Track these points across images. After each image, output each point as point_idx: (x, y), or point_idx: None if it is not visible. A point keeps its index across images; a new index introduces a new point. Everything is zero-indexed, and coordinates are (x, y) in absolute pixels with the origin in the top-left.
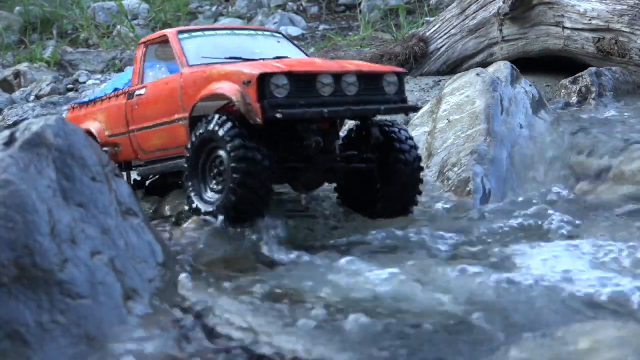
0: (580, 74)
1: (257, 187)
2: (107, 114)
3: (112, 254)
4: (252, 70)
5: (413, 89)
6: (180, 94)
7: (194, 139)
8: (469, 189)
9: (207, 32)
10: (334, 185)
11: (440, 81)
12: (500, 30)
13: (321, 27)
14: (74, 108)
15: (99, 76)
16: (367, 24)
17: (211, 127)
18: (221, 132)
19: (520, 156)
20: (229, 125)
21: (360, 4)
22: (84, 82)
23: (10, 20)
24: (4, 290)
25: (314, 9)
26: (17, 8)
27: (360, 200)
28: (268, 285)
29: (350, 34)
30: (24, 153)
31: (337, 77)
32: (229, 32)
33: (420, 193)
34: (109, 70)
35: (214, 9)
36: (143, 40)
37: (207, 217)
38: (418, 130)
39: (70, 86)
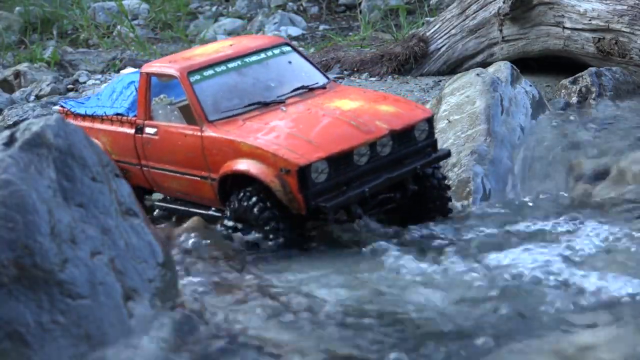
0: (580, 74)
1: None
2: (111, 139)
3: (112, 254)
4: (289, 155)
5: (413, 89)
6: (203, 153)
7: (229, 213)
8: (469, 189)
9: (217, 69)
10: None
11: (440, 81)
12: (500, 30)
13: (321, 27)
14: (66, 113)
15: (99, 76)
16: (367, 24)
17: (245, 205)
18: (256, 212)
19: (520, 156)
20: (266, 212)
21: (360, 4)
22: (84, 82)
23: (10, 20)
24: (4, 290)
25: (314, 9)
26: (17, 8)
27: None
28: (268, 285)
29: (350, 34)
30: (24, 153)
31: (372, 145)
32: (239, 62)
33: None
34: (109, 70)
35: (214, 9)
36: (146, 70)
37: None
38: None
39: (70, 86)
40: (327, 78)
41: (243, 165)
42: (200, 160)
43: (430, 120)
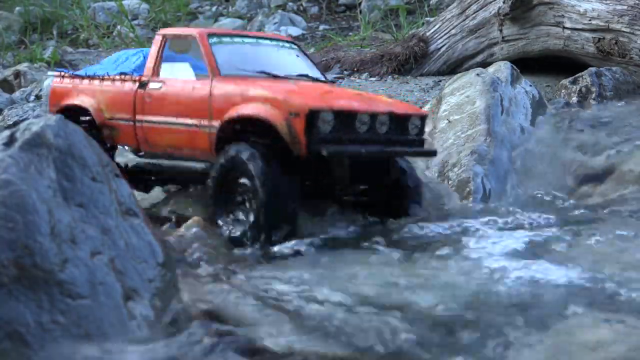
0: (580, 74)
1: (285, 211)
2: (109, 96)
3: (112, 254)
4: (300, 101)
5: (413, 89)
6: (209, 101)
7: (219, 167)
8: (469, 189)
9: (235, 39)
10: None
11: (440, 81)
12: (500, 30)
13: (321, 27)
14: (63, 76)
15: None
16: (367, 24)
17: (240, 158)
18: (252, 168)
19: (520, 156)
20: (260, 163)
21: (360, 4)
22: None
23: (10, 20)
24: (4, 290)
25: (314, 9)
26: (17, 8)
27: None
28: (268, 284)
29: (350, 34)
30: (24, 153)
31: (373, 116)
32: (255, 40)
33: (420, 202)
34: None
35: (214, 9)
36: (164, 31)
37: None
38: None
39: None
40: (326, 79)
41: (251, 109)
42: (204, 109)
43: (423, 118)
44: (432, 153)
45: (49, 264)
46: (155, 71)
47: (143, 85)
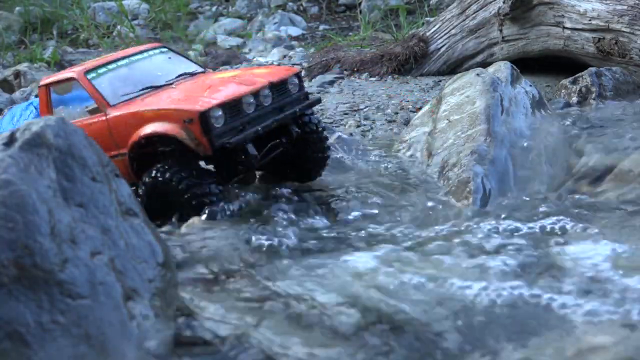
0: (580, 74)
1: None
2: None
3: (112, 254)
4: (189, 107)
5: (413, 89)
6: (110, 133)
7: (144, 187)
8: (468, 189)
9: (109, 67)
10: None
11: (440, 81)
12: (500, 30)
13: (321, 27)
14: None
15: None
16: (367, 24)
17: (160, 177)
18: (174, 180)
19: (520, 156)
20: (184, 181)
21: (360, 4)
22: None
23: (10, 20)
24: (4, 290)
25: (314, 9)
26: (17, 8)
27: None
28: (268, 285)
29: (350, 34)
30: (24, 153)
31: (255, 94)
32: (127, 60)
33: (327, 158)
34: None
35: (214, 9)
36: (44, 82)
37: None
38: (418, 130)
39: None
40: (204, 68)
41: (149, 128)
42: (108, 141)
43: (298, 75)
44: (316, 102)
45: (49, 264)
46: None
47: None
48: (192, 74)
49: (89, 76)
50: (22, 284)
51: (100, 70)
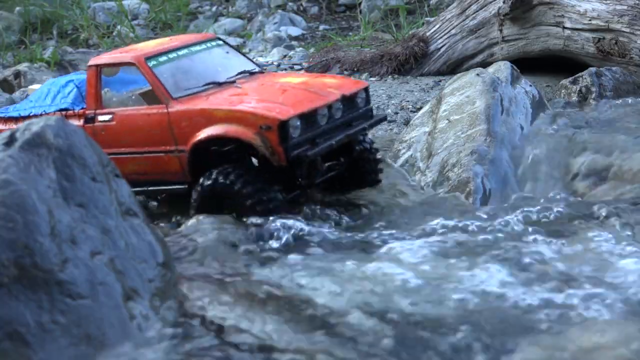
0: (580, 74)
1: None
2: None
3: (112, 254)
4: (268, 114)
5: (413, 89)
6: (169, 127)
7: (201, 187)
8: (469, 189)
9: (170, 55)
10: None
11: (440, 81)
12: (500, 30)
13: (321, 27)
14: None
15: None
16: (367, 24)
17: (222, 180)
18: (238, 184)
19: (520, 156)
20: (248, 186)
21: (360, 4)
22: None
23: (10, 20)
24: (4, 290)
25: (314, 9)
26: (17, 8)
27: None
28: (267, 284)
29: (350, 34)
30: (24, 153)
31: (330, 106)
32: (186, 50)
33: (378, 182)
34: None
35: (214, 9)
36: (96, 62)
37: None
38: (418, 130)
39: None
40: (261, 67)
41: (219, 129)
42: (166, 135)
43: (367, 90)
44: (382, 119)
45: (49, 264)
46: (99, 104)
47: (90, 119)
48: (251, 73)
49: (150, 63)
50: (22, 284)
51: (161, 59)
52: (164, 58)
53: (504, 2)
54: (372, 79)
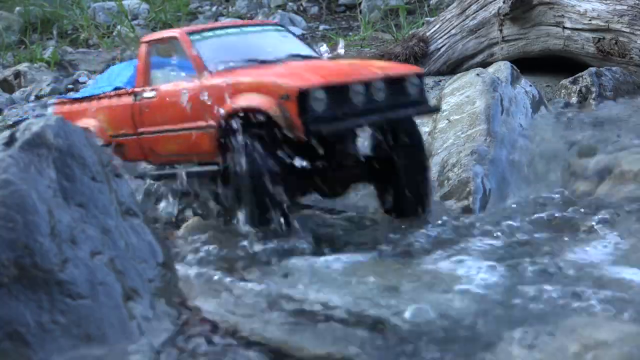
0: (580, 74)
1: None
2: (109, 113)
3: (112, 254)
4: (289, 83)
5: None
6: (201, 101)
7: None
8: (468, 189)
9: (217, 32)
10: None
11: (440, 81)
12: (500, 30)
13: (321, 27)
14: (63, 103)
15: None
16: (367, 24)
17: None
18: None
19: (520, 156)
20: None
21: (360, 4)
22: (84, 82)
23: (10, 20)
24: (4, 290)
25: (314, 9)
26: (17, 8)
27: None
28: (267, 285)
29: (350, 34)
30: (24, 153)
31: (367, 84)
32: (237, 29)
33: (427, 196)
34: None
35: (214, 9)
36: (146, 38)
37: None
38: None
39: (70, 86)
40: (321, 55)
41: (242, 100)
42: (199, 110)
43: (421, 76)
44: (435, 109)
45: (49, 264)
46: (146, 80)
47: (138, 96)
48: (305, 57)
49: (192, 37)
50: (22, 284)
51: (206, 34)
52: (209, 34)
53: (504, 2)
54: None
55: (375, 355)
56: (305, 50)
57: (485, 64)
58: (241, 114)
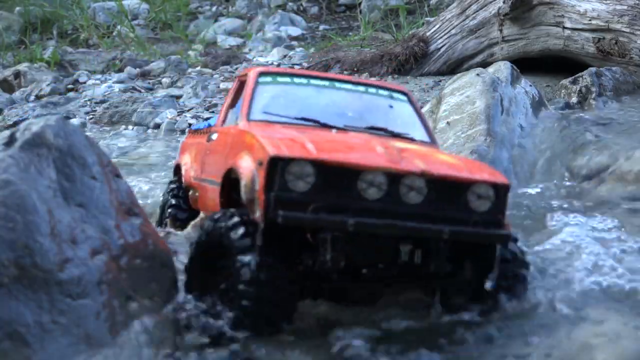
0: (580, 74)
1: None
2: (194, 151)
3: (112, 254)
4: (270, 147)
5: (413, 89)
6: (226, 151)
7: (200, 236)
8: None
9: (296, 79)
10: None
11: (440, 81)
12: (500, 30)
13: (321, 27)
14: (191, 132)
15: (99, 76)
16: (367, 24)
17: (219, 226)
18: (232, 237)
19: (520, 156)
20: (241, 230)
21: (360, 4)
22: (84, 82)
23: (10, 20)
24: (4, 290)
25: (314, 9)
26: (17, 8)
27: None
28: None
29: (350, 34)
30: (24, 153)
31: (394, 177)
32: (326, 82)
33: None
34: (109, 70)
35: (214, 9)
36: (237, 73)
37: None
38: None
39: (70, 86)
40: (434, 142)
41: (236, 158)
42: (223, 159)
43: (498, 188)
44: (503, 237)
45: (49, 264)
46: (223, 120)
47: (209, 138)
48: (395, 135)
49: (260, 79)
50: (22, 284)
51: (280, 79)
52: (284, 79)
53: (504, 2)
54: (372, 79)
55: None
56: (409, 127)
57: (485, 64)
58: (223, 176)
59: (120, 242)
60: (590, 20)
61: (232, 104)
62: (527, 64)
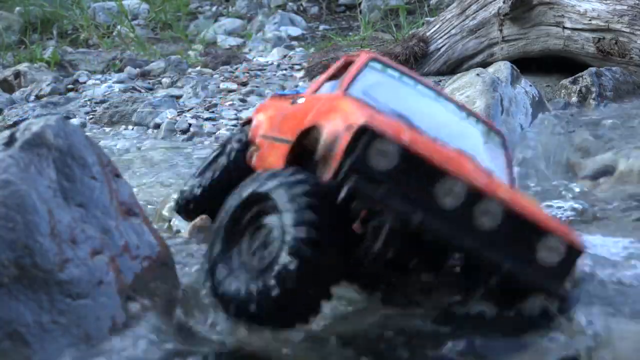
0: (580, 74)
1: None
2: (272, 111)
3: (112, 253)
4: (364, 116)
5: None
6: (309, 113)
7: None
8: None
9: (405, 78)
10: None
11: (440, 81)
12: (500, 30)
13: (321, 27)
14: (275, 96)
15: (99, 76)
16: (367, 24)
17: (267, 185)
18: (283, 197)
19: (520, 156)
20: (299, 188)
21: (360, 4)
22: (84, 82)
23: (10, 20)
24: (4, 290)
25: (314, 9)
26: (17, 8)
27: None
28: None
29: (350, 34)
30: (24, 153)
31: (473, 194)
32: (431, 92)
33: None
34: (109, 70)
35: (214, 9)
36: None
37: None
38: None
39: (70, 86)
40: (513, 180)
41: (323, 119)
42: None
43: (572, 248)
44: (565, 301)
45: (49, 264)
46: (315, 89)
47: (294, 101)
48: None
49: (371, 63)
50: (22, 284)
51: (388, 71)
52: (391, 72)
53: (504, 2)
54: None
55: None
56: (496, 170)
57: (485, 64)
58: (299, 134)
59: (120, 242)
60: (590, 20)
61: (330, 79)
62: (527, 64)
